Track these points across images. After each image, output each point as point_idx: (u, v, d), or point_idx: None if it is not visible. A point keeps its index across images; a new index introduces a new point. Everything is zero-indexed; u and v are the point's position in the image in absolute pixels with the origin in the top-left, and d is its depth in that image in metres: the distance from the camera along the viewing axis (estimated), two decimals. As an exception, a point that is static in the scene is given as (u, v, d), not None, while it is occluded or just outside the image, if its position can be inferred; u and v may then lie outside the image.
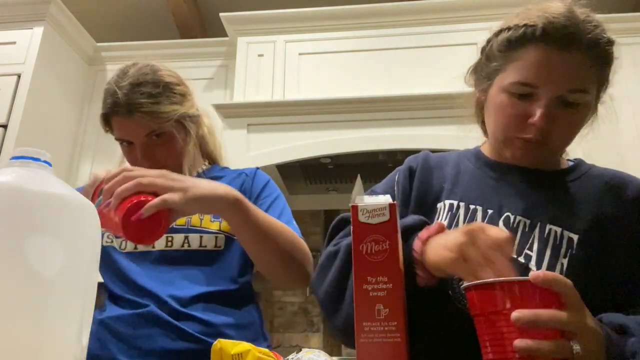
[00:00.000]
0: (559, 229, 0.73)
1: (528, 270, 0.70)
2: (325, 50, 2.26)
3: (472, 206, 0.79)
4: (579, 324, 0.52)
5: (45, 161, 0.50)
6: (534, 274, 0.51)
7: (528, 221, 0.75)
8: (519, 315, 0.49)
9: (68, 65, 2.39)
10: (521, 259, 0.72)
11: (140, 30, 2.88)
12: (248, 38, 2.32)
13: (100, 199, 0.77)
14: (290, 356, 0.63)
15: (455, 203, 0.80)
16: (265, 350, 0.61)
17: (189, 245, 1.01)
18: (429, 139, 1.97)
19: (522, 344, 0.49)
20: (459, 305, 0.70)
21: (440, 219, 0.80)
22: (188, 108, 1.07)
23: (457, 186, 0.83)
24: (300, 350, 0.64)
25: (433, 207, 0.82)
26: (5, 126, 2.08)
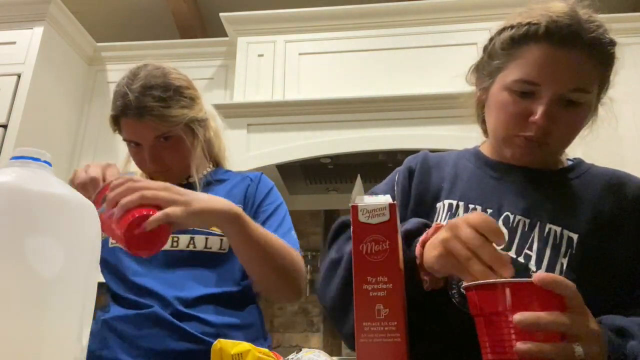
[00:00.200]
0: (558, 229, 0.73)
1: (528, 270, 0.70)
2: (325, 50, 2.26)
3: (472, 205, 0.79)
4: (581, 327, 0.51)
5: (45, 161, 0.50)
6: (537, 276, 0.50)
7: (528, 220, 0.74)
8: (521, 317, 0.49)
9: (68, 65, 2.39)
10: (521, 259, 0.72)
11: (140, 30, 2.88)
12: (248, 38, 2.32)
13: (103, 206, 0.78)
14: (290, 356, 0.63)
15: (454, 203, 0.80)
16: (265, 350, 0.61)
17: (194, 247, 1.01)
18: (429, 139, 1.97)
19: (524, 347, 0.48)
20: (458, 304, 0.70)
21: (440, 218, 0.80)
22: (197, 112, 1.08)
23: (456, 186, 0.82)
24: (300, 350, 0.64)
25: (432, 207, 0.82)
26: (5, 126, 2.08)
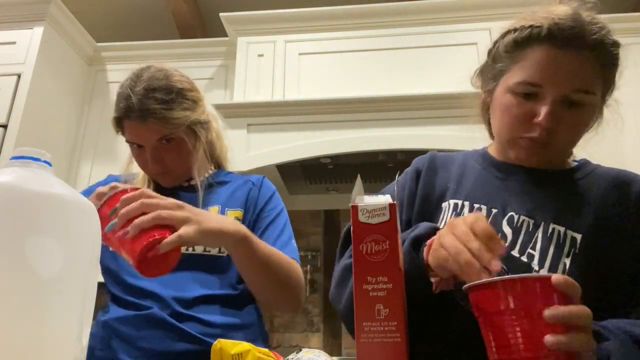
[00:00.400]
0: (562, 229, 0.73)
1: (531, 270, 0.70)
2: (325, 50, 2.26)
3: (477, 205, 0.79)
4: (588, 320, 0.52)
5: (45, 161, 0.50)
6: (555, 278, 0.50)
7: (532, 221, 0.75)
8: (553, 312, 0.49)
9: (68, 65, 2.39)
10: (524, 258, 0.72)
11: (140, 30, 2.88)
12: (248, 38, 2.32)
13: (114, 222, 0.76)
14: (290, 356, 0.63)
15: (459, 202, 0.80)
16: (265, 350, 0.61)
17: (193, 249, 1.01)
18: (429, 139, 1.97)
19: (554, 339, 0.48)
20: (461, 302, 0.70)
21: (445, 218, 0.80)
22: (199, 114, 1.08)
23: (462, 186, 0.83)
24: (300, 350, 0.64)
25: (438, 207, 0.83)
26: (5, 126, 2.08)
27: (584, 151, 0.85)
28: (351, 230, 0.80)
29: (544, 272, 0.70)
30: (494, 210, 0.77)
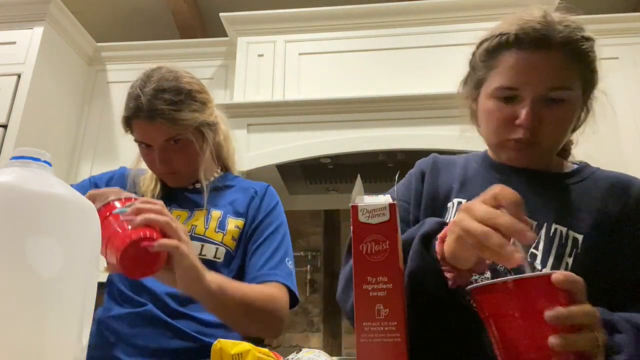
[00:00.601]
0: (564, 229, 0.74)
1: (534, 269, 0.71)
2: (325, 50, 2.26)
3: None
4: (594, 317, 0.52)
5: (45, 161, 0.50)
6: (555, 277, 0.50)
7: (534, 222, 0.76)
8: (554, 314, 0.49)
9: (68, 65, 2.39)
10: (527, 258, 0.73)
11: (140, 30, 2.88)
12: (248, 38, 2.32)
13: (126, 209, 0.77)
14: (290, 356, 0.63)
15: (464, 201, 0.81)
16: (265, 350, 0.61)
17: None
18: (429, 139, 1.97)
19: (558, 340, 0.48)
20: (464, 302, 0.70)
21: (451, 217, 0.82)
22: (207, 116, 1.09)
23: (466, 186, 0.85)
24: (300, 350, 0.64)
25: (444, 206, 0.84)
26: (5, 126, 2.08)
27: (582, 149, 0.86)
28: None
29: (547, 271, 0.70)
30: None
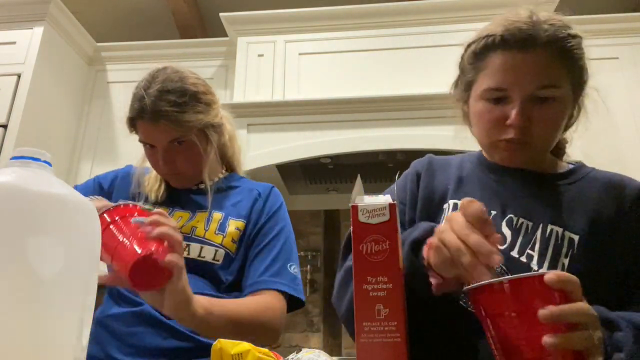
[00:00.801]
0: (560, 229, 0.74)
1: (530, 270, 0.71)
2: (325, 50, 2.26)
3: None
4: (589, 315, 0.52)
5: (45, 161, 0.50)
6: (548, 277, 0.50)
7: (530, 223, 0.76)
8: (546, 313, 0.49)
9: (68, 65, 2.39)
10: (523, 259, 0.73)
11: (140, 30, 2.88)
12: (248, 38, 2.32)
13: (143, 219, 0.79)
14: (290, 356, 0.63)
15: (459, 203, 0.81)
16: (265, 350, 0.60)
17: (188, 253, 1.01)
18: (429, 139, 1.97)
19: (552, 340, 0.48)
20: (462, 303, 0.70)
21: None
22: (212, 117, 1.08)
23: (461, 187, 0.85)
24: (300, 350, 0.64)
25: (440, 207, 0.84)
26: (5, 126, 2.08)
27: (580, 150, 0.86)
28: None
29: (542, 271, 0.70)
30: (493, 212, 0.78)
